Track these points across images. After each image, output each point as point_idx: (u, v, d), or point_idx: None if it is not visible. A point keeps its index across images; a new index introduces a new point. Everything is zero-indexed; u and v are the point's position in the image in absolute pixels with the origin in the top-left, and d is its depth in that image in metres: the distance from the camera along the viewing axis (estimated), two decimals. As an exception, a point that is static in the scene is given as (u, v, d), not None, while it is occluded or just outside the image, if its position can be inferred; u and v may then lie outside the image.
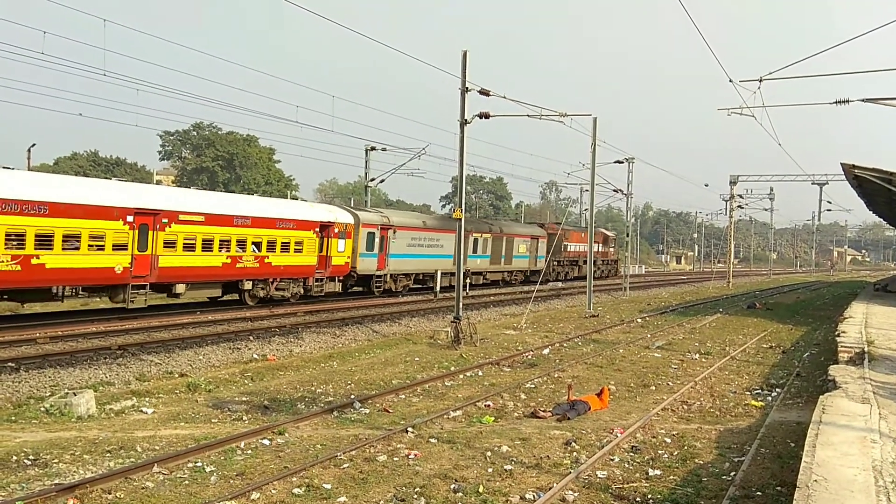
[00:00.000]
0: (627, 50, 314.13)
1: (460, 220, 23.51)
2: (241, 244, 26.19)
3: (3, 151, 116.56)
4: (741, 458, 10.83)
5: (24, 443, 10.80)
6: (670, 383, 17.12)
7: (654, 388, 16.63)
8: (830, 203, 71.11)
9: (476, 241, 42.09)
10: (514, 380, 16.98)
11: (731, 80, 21.91)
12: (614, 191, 45.57)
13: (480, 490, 9.26)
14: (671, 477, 10.05)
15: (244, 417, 12.94)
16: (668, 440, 11.94)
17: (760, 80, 20.91)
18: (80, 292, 22.30)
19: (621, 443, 11.58)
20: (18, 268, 19.34)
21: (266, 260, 27.31)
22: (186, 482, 9.37)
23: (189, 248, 24.29)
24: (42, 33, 23.23)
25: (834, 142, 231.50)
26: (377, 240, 33.45)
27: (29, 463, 9.93)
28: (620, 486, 9.63)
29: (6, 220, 18.95)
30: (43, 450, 10.45)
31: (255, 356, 18.84)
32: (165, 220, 23.37)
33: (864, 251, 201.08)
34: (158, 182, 76.42)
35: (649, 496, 9.26)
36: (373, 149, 44.00)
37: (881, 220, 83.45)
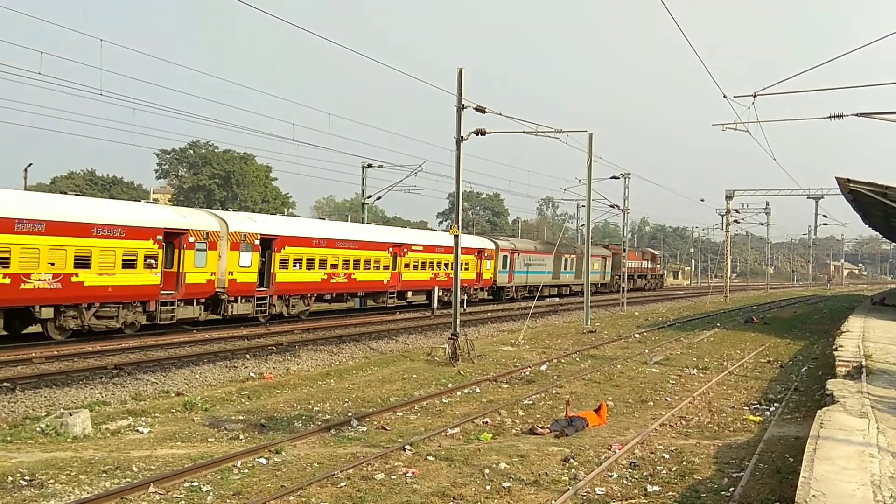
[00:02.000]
0: (622, 66, 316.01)
1: (457, 236, 23.54)
2: (439, 265, 38.82)
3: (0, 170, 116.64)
4: (740, 474, 10.80)
5: (20, 463, 10.75)
6: (668, 399, 17.09)
7: (652, 403, 16.61)
8: (826, 217, 71.62)
9: (566, 260, 53.70)
10: (511, 396, 16.94)
11: (725, 96, 22.06)
12: (611, 206, 45.79)
13: (478, 508, 9.22)
14: (670, 493, 10.02)
15: (241, 436, 12.89)
16: (667, 456, 11.91)
17: (754, 96, 21.02)
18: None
19: (620, 459, 11.54)
20: (346, 280, 32.21)
21: (451, 275, 35.07)
22: (182, 502, 9.33)
23: (415, 267, 36.90)
24: (39, 53, 23.29)
25: (829, 156, 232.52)
26: (508, 260, 45.80)
27: (24, 483, 9.87)
28: (619, 502, 9.60)
29: (343, 252, 31.79)
30: (39, 470, 10.40)
31: (251, 374, 18.79)
32: (406, 250, 36.07)
33: (860, 265, 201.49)
34: (155, 200, 76.46)
35: (648, 513, 9.23)
36: (369, 166, 44.13)
37: (877, 233, 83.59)
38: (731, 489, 10.08)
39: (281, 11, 18.79)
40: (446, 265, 38.46)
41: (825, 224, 73.21)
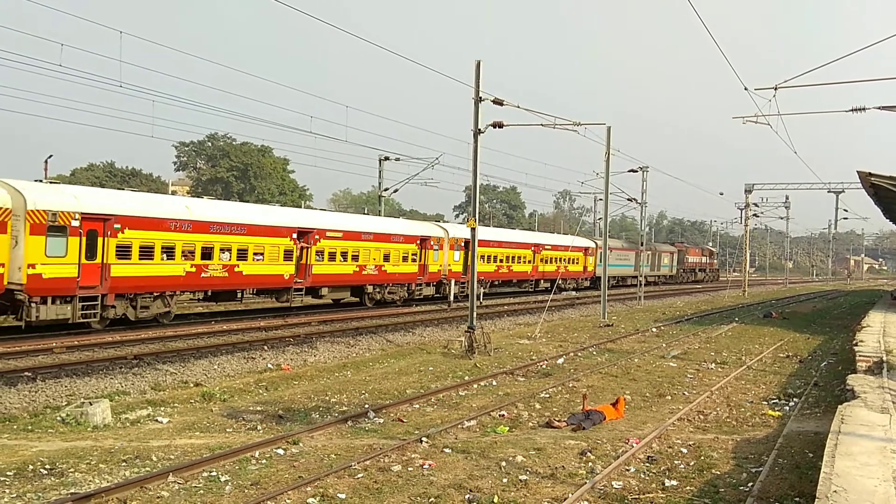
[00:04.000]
0: (642, 59, 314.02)
1: (474, 228, 23.50)
2: (561, 260, 49.67)
3: (20, 162, 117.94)
4: (759, 469, 10.73)
5: (41, 452, 10.87)
6: (686, 393, 17.00)
7: (669, 397, 16.53)
8: (847, 211, 70.68)
9: (644, 256, 64.28)
10: (528, 389, 16.92)
11: (746, 89, 21.83)
12: (628, 200, 45.54)
13: (495, 500, 9.22)
14: (688, 488, 9.97)
15: (259, 427, 12.97)
16: (685, 450, 11.85)
17: (776, 89, 20.80)
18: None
19: (637, 453, 11.50)
20: (507, 271, 44.17)
21: (567, 268, 51.08)
22: (201, 491, 9.39)
23: (547, 262, 48.30)
24: (59, 45, 23.45)
25: (850, 149, 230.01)
26: (604, 255, 56.94)
27: (45, 472, 9.98)
28: (636, 496, 9.55)
29: (507, 251, 43.91)
30: (59, 459, 10.51)
31: (269, 366, 18.89)
32: (541, 248, 48.10)
33: (881, 259, 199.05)
34: (174, 192, 76.80)
35: (666, 507, 9.18)
36: (386, 158, 44.11)
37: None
38: (749, 484, 10.02)
39: (299, 3, 18.79)
40: (565, 260, 50.78)
41: (845, 218, 72.54)
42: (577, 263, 53.30)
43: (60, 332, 21.10)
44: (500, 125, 23.36)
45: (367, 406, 14.50)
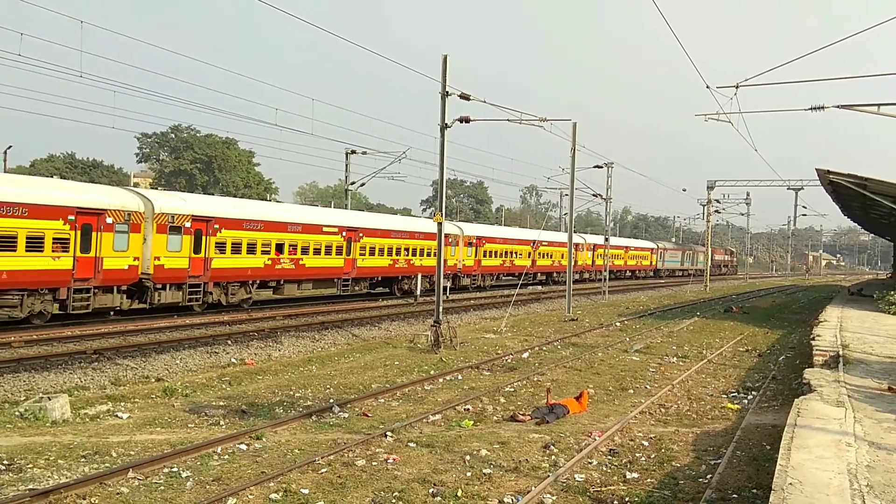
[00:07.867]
0: (607, 57, 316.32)
1: (440, 223, 23.50)
2: (640, 257, 70.43)
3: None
4: (717, 461, 10.92)
5: (-3, 448, 10.65)
6: (648, 387, 17.21)
7: (632, 391, 16.72)
8: (806, 208, 72.13)
9: (686, 254, 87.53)
10: (493, 383, 17.00)
11: (707, 87, 22.13)
12: (594, 195, 45.91)
13: (459, 494, 9.26)
14: (648, 480, 10.11)
15: (221, 422, 12.85)
16: (646, 443, 12.01)
17: (737, 87, 21.13)
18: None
19: (599, 446, 11.63)
20: (611, 264, 53.45)
21: (641, 262, 72.32)
22: (162, 488, 9.29)
23: (632, 258, 69.92)
24: (19, 35, 22.95)
25: (809, 147, 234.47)
26: (663, 254, 76.70)
27: (3, 468, 9.80)
28: (598, 489, 9.67)
29: (614, 251, 58.75)
30: (17, 455, 10.32)
31: (233, 360, 18.71)
32: (629, 250, 69.06)
33: (838, 255, 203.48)
34: (136, 185, 75.50)
35: (627, 499, 9.30)
36: (353, 152, 43.91)
37: (855, 224, 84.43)
38: (708, 476, 10.19)
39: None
40: (640, 257, 68.86)
41: (804, 215, 74.05)
42: (647, 260, 73.58)
43: (19, 326, 20.68)
44: (467, 120, 23.38)
45: (331, 401, 14.45)
